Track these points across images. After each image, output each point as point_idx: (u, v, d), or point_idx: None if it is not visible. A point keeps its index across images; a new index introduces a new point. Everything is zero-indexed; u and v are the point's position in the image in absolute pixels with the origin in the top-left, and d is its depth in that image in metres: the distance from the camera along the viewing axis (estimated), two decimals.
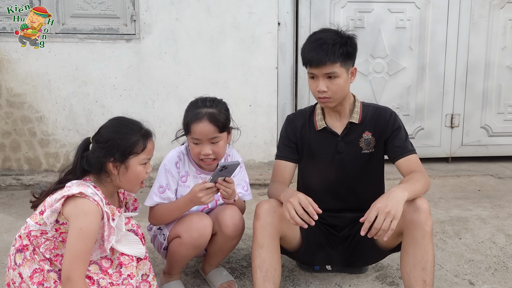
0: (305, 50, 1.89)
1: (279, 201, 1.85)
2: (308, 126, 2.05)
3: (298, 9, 3.95)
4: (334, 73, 1.85)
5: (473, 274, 2.24)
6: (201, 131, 1.85)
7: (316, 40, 1.87)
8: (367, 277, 2.20)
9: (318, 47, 1.84)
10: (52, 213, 1.55)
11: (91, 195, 1.55)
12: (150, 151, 1.70)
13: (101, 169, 1.64)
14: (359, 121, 1.99)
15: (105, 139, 1.63)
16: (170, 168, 1.95)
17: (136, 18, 3.77)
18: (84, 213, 1.52)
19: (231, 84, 3.90)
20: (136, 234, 1.73)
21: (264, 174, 3.81)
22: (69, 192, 1.54)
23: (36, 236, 1.59)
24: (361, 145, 1.99)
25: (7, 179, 3.71)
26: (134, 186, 1.70)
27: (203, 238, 1.86)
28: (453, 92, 4.20)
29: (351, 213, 2.05)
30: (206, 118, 1.85)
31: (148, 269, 1.76)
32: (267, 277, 1.76)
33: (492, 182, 3.77)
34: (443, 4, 4.05)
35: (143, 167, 1.68)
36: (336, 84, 1.87)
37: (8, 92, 3.78)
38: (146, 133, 1.70)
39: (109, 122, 1.71)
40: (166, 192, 1.93)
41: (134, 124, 1.70)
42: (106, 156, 1.62)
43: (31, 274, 1.57)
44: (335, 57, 1.83)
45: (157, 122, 3.86)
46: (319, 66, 1.84)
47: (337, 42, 1.85)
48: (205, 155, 1.87)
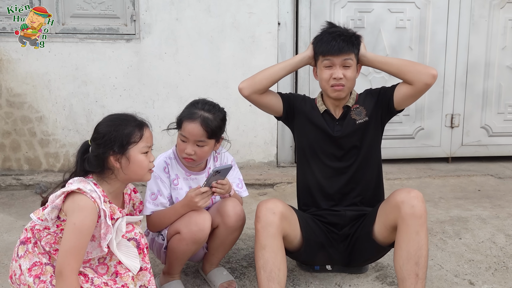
0: (322, 41, 1.99)
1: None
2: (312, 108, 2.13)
3: (298, 9, 3.95)
4: (350, 61, 1.97)
5: (473, 274, 2.23)
6: (190, 131, 1.89)
7: (332, 32, 1.99)
8: (367, 277, 2.20)
9: (337, 37, 1.96)
10: (52, 209, 1.57)
11: (89, 192, 1.56)
12: (148, 138, 1.70)
13: (103, 167, 1.64)
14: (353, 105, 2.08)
15: (101, 135, 1.65)
16: (159, 174, 1.98)
17: (136, 18, 3.77)
18: (79, 208, 1.53)
19: (231, 84, 3.90)
20: (138, 243, 1.70)
21: (264, 174, 3.81)
22: (68, 188, 1.55)
23: (39, 230, 1.62)
24: (352, 116, 2.06)
25: (7, 179, 3.71)
26: (143, 175, 1.70)
27: (202, 233, 1.87)
28: (453, 92, 4.20)
29: (351, 211, 2.07)
30: (198, 121, 1.89)
31: (147, 281, 1.72)
32: (271, 277, 1.77)
33: (492, 182, 3.77)
34: (443, 4, 4.05)
35: (145, 156, 1.68)
36: (351, 72, 1.98)
37: (8, 92, 3.78)
38: (140, 122, 1.71)
39: (103, 119, 1.72)
40: (159, 198, 1.96)
41: (127, 116, 1.72)
42: (105, 151, 1.63)
43: (30, 267, 1.59)
44: (353, 47, 1.98)
45: (157, 122, 3.85)
46: (340, 53, 1.94)
47: (352, 35, 2.00)
48: (187, 154, 1.92)
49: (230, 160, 2.14)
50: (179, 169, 2.03)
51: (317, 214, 2.10)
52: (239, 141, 3.93)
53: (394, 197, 1.84)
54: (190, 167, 2.04)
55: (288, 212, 1.92)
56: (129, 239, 1.68)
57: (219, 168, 1.81)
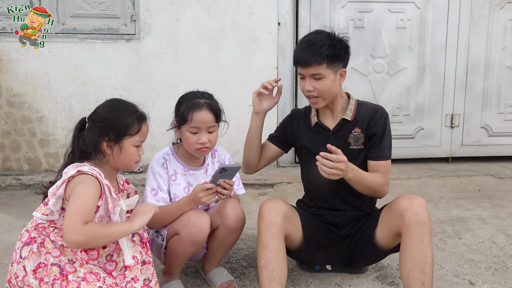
0: (295, 50, 1.96)
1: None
2: (305, 123, 2.12)
3: (298, 9, 3.95)
4: (319, 74, 1.90)
5: (473, 274, 2.23)
6: (201, 119, 1.90)
7: (306, 41, 1.93)
8: (367, 277, 2.20)
9: (306, 48, 1.90)
10: (57, 200, 1.56)
11: (89, 170, 1.57)
12: (144, 133, 1.72)
13: (95, 149, 1.65)
14: (352, 118, 2.01)
15: (101, 118, 1.65)
16: (157, 170, 1.98)
17: (136, 18, 3.77)
18: (80, 181, 1.54)
19: (231, 84, 3.90)
20: (141, 237, 1.73)
21: (264, 174, 3.81)
22: (68, 175, 1.55)
23: (44, 227, 1.61)
24: (349, 140, 2.02)
25: (7, 179, 3.71)
26: (129, 166, 1.72)
27: (201, 234, 1.87)
28: (453, 92, 4.20)
29: (352, 212, 2.07)
30: (206, 107, 1.92)
31: (151, 274, 1.75)
32: (273, 277, 1.77)
33: (492, 182, 3.77)
34: (443, 4, 4.05)
35: (136, 149, 1.70)
36: (322, 85, 1.91)
37: (8, 92, 3.78)
38: (142, 116, 1.72)
39: (106, 102, 1.73)
40: (159, 194, 1.96)
41: (130, 106, 1.72)
42: (101, 135, 1.64)
43: (35, 268, 1.56)
44: (320, 58, 1.87)
45: (157, 122, 3.86)
46: (306, 66, 1.90)
47: (325, 44, 1.89)
48: (202, 143, 1.92)
49: (228, 157, 2.15)
50: (177, 164, 2.03)
51: (318, 214, 2.10)
52: (239, 141, 3.91)
53: (397, 204, 1.83)
54: (189, 162, 2.04)
55: (291, 212, 1.92)
56: (133, 234, 1.70)
57: (226, 166, 1.80)
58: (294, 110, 2.22)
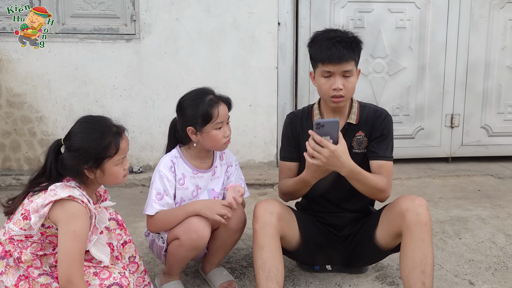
0: (321, 47, 1.86)
1: (300, 186, 1.94)
2: (306, 125, 2.06)
3: (298, 9, 3.95)
4: (350, 71, 1.86)
5: (473, 274, 2.23)
6: (223, 113, 1.96)
7: (334, 37, 1.85)
8: (367, 277, 2.20)
9: (337, 44, 1.82)
10: (39, 218, 1.51)
11: (79, 197, 1.53)
12: (124, 150, 1.65)
13: (76, 174, 1.60)
14: (356, 122, 1.99)
15: (76, 148, 1.58)
16: (165, 173, 1.95)
17: (136, 18, 3.77)
18: (75, 216, 1.51)
19: (231, 84, 3.90)
20: (117, 220, 1.78)
21: (264, 174, 3.81)
22: (57, 197, 1.50)
23: (21, 240, 1.55)
24: (352, 144, 2.00)
25: (7, 179, 3.70)
26: (116, 183, 1.69)
27: (201, 240, 1.87)
28: (453, 92, 4.20)
29: (351, 213, 2.06)
30: (221, 100, 1.98)
31: (134, 251, 1.83)
32: (270, 276, 1.77)
33: (492, 182, 3.77)
34: (443, 4, 4.05)
35: (119, 167, 1.64)
36: (351, 83, 1.88)
37: (8, 92, 3.78)
38: (118, 131, 1.64)
39: (78, 126, 1.63)
40: (165, 198, 1.93)
41: (104, 124, 1.63)
42: (79, 164, 1.58)
43: (16, 283, 1.52)
44: (354, 54, 1.85)
45: (157, 122, 3.86)
46: (340, 62, 1.82)
47: (353, 40, 1.87)
48: (227, 136, 1.97)
49: (234, 160, 2.15)
50: (185, 168, 2.01)
51: (317, 215, 2.10)
52: (239, 141, 3.93)
53: (398, 204, 1.83)
54: (198, 165, 2.02)
55: (286, 212, 1.92)
56: (109, 219, 1.74)
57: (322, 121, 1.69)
58: (290, 114, 2.15)
